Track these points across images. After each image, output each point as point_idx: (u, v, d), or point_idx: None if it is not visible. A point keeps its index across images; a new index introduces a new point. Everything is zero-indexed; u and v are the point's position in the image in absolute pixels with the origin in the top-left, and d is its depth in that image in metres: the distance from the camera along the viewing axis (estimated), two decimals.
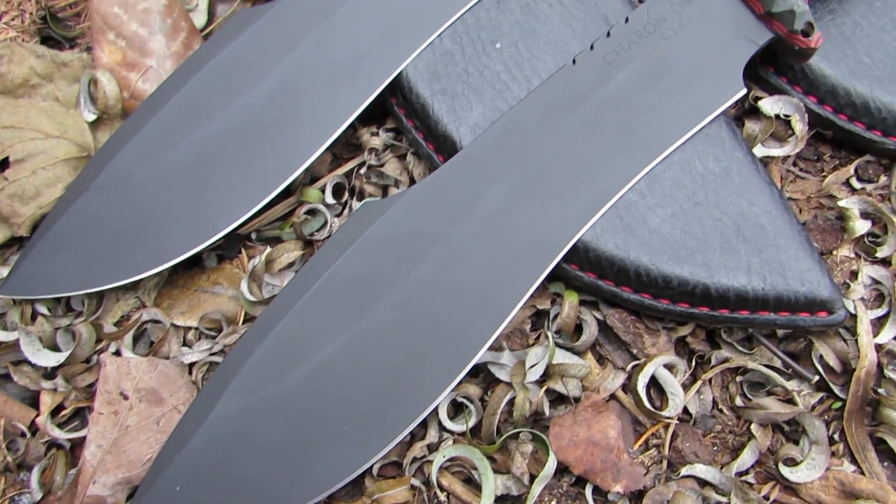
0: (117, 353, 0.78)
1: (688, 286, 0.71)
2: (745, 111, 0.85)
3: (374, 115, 0.86)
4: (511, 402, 0.72)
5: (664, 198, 0.74)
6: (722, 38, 0.77)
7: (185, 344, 0.79)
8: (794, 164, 0.84)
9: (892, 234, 0.77)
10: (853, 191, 0.81)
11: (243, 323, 0.79)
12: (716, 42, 0.77)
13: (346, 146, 0.88)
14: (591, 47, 0.77)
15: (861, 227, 0.78)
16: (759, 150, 0.81)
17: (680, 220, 0.73)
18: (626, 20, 0.78)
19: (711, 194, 0.74)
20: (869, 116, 0.79)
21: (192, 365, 0.77)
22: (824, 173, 0.83)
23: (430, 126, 0.80)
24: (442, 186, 0.75)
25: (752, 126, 0.81)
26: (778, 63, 0.81)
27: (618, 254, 0.73)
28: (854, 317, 0.75)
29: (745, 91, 0.76)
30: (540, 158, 0.75)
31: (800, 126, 0.79)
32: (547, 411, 0.72)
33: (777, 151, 0.80)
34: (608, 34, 0.78)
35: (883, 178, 0.81)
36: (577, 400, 0.73)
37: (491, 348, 0.74)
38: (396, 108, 0.82)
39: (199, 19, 0.93)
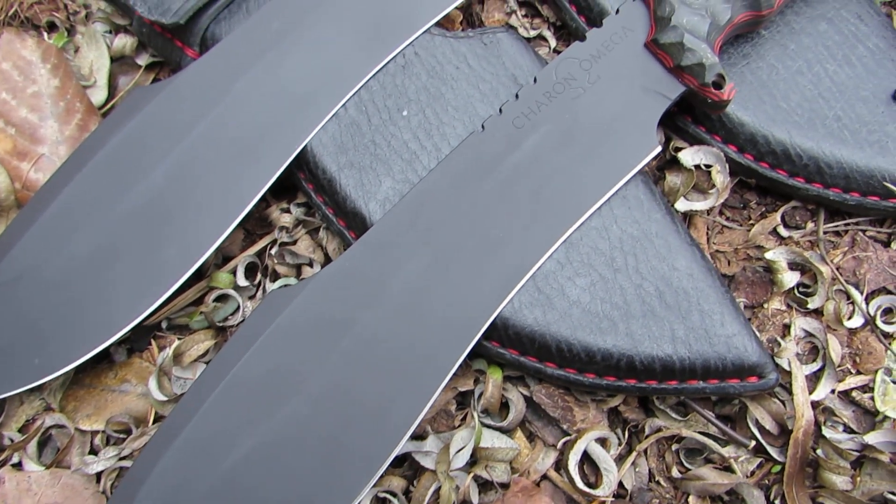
0: (19, 465, 0.73)
1: (612, 359, 0.68)
2: (667, 161, 0.82)
3: (288, 187, 0.82)
4: (438, 493, 0.68)
5: (583, 266, 0.71)
6: (633, 95, 0.74)
7: (92, 450, 0.74)
8: (721, 214, 0.81)
9: (821, 285, 0.75)
10: (781, 239, 0.79)
11: (153, 423, 0.75)
12: (627, 98, 0.74)
13: (260, 221, 0.84)
14: (500, 111, 0.74)
15: (790, 279, 0.75)
16: (681, 205, 0.78)
17: (600, 289, 0.70)
18: (535, 80, 0.75)
19: (631, 259, 0.71)
20: (790, 163, 0.76)
21: (99, 474, 0.73)
22: (752, 221, 0.81)
23: (338, 202, 0.76)
24: (351, 269, 0.72)
25: (673, 179, 0.79)
26: (695, 112, 0.79)
27: (538, 329, 0.69)
28: (789, 373, 0.72)
29: (659, 148, 0.73)
30: (452, 232, 0.71)
31: (720, 178, 0.77)
32: (475, 500, 0.69)
33: (699, 205, 0.77)
34: (516, 96, 0.75)
35: (810, 224, 0.79)
36: (506, 486, 0.69)
37: (414, 434, 0.70)
38: (305, 182, 0.78)
39: (99, 95, 0.88)
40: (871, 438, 0.70)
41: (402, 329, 0.69)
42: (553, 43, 0.88)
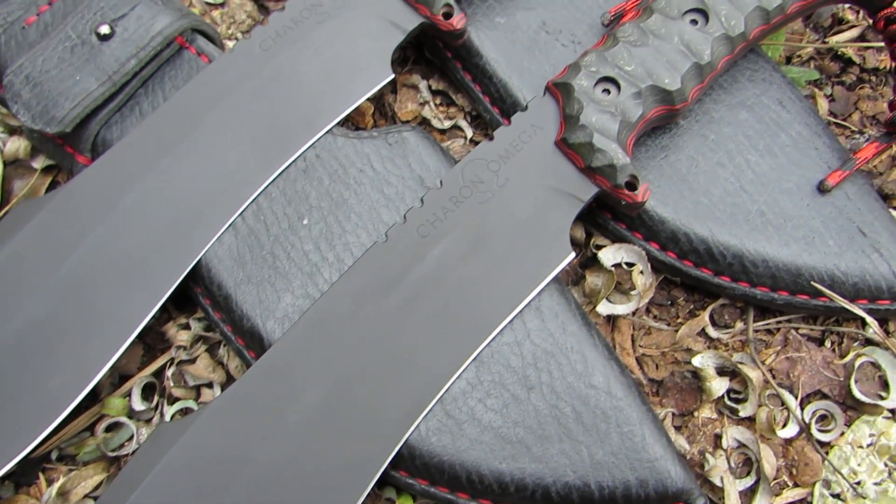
0: None
1: (526, 490, 0.63)
2: (589, 258, 0.78)
3: (190, 297, 0.77)
4: None
5: (494, 386, 0.66)
6: (544, 197, 0.70)
7: None
8: (648, 312, 0.77)
9: (752, 391, 0.71)
10: (710, 340, 0.75)
11: None
12: (538, 202, 0.70)
13: (161, 335, 0.78)
14: (405, 218, 0.70)
15: (719, 386, 0.71)
16: (603, 308, 0.74)
17: (513, 410, 0.65)
18: (441, 184, 0.71)
19: (546, 377, 0.66)
20: (714, 262, 0.72)
21: None
22: (679, 320, 0.76)
23: (235, 320, 0.71)
24: (245, 397, 0.66)
25: (594, 280, 0.74)
26: (615, 209, 0.75)
27: (447, 458, 0.64)
28: (722, 489, 0.67)
29: (573, 255, 0.69)
30: (354, 354, 0.66)
31: (641, 280, 0.73)
32: None
33: (622, 309, 0.73)
34: (422, 202, 0.70)
35: (739, 324, 0.75)
36: None
37: None
38: (202, 298, 0.73)
39: None
40: None
41: (300, 463, 0.64)
42: (469, 133, 0.84)
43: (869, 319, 0.70)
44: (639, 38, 0.71)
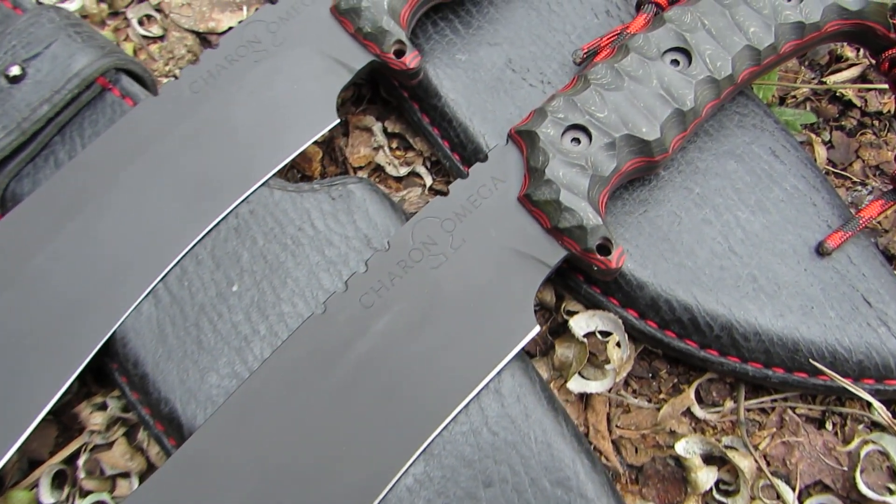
0: None
1: None
2: (560, 325, 0.69)
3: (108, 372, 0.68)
4: None
5: (446, 484, 0.57)
6: (506, 262, 0.61)
7: None
8: (626, 386, 0.68)
9: (744, 484, 0.62)
10: (696, 421, 0.66)
11: None
12: (499, 267, 0.61)
13: (77, 415, 0.69)
14: (346, 286, 0.61)
15: (706, 478, 0.62)
16: (575, 384, 0.65)
17: None
18: (388, 246, 0.62)
19: (506, 472, 0.57)
20: (699, 334, 0.64)
21: None
22: (662, 395, 0.67)
23: (153, 403, 0.62)
24: (162, 495, 0.57)
25: (564, 352, 0.66)
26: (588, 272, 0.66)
27: None
28: None
29: (538, 329, 0.60)
30: (285, 444, 0.57)
31: (617, 353, 0.64)
32: None
33: (596, 386, 0.64)
34: (366, 266, 0.61)
35: (729, 403, 0.66)
36: None
37: None
38: (118, 375, 0.64)
39: None
40: None
41: None
42: (428, 181, 0.76)
43: (875, 403, 0.62)
44: (613, 81, 0.63)
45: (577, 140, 0.62)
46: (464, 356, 0.59)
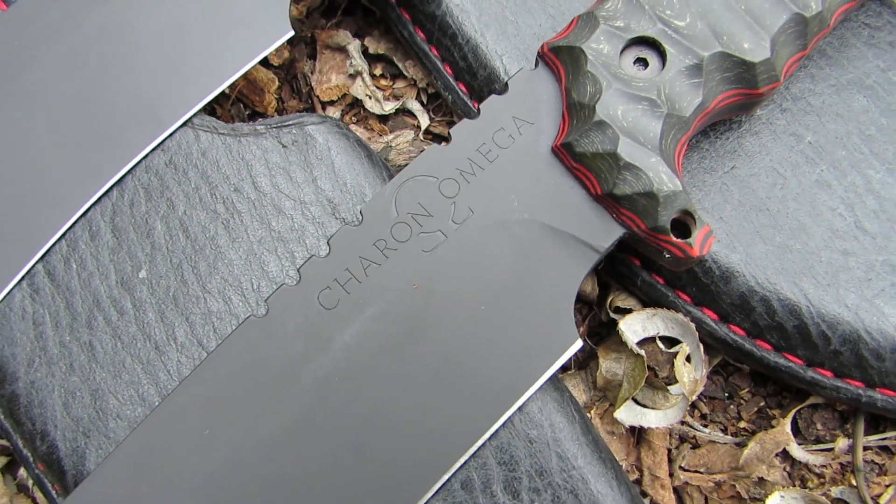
0: None
1: None
2: (603, 325, 0.50)
3: None
4: None
5: None
6: (532, 245, 0.42)
7: None
8: (692, 409, 0.49)
9: None
10: (793, 464, 0.47)
11: None
12: (522, 253, 0.42)
13: None
14: (299, 276, 0.41)
15: None
16: (626, 414, 0.46)
17: None
18: (361, 217, 0.42)
19: None
20: (810, 347, 0.44)
21: None
22: (743, 424, 0.49)
23: (25, 435, 0.44)
24: None
25: (610, 366, 0.47)
26: (650, 257, 0.46)
27: None
28: None
29: (579, 343, 0.41)
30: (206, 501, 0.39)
31: (688, 372, 0.45)
32: None
33: (655, 419, 0.45)
34: (328, 248, 0.42)
35: (842, 440, 0.47)
36: None
37: None
38: None
39: None
40: None
41: None
42: (424, 121, 0.55)
43: None
44: None
45: (642, 62, 0.41)
46: (468, 385, 0.40)
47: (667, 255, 0.41)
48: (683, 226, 0.40)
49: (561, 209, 0.42)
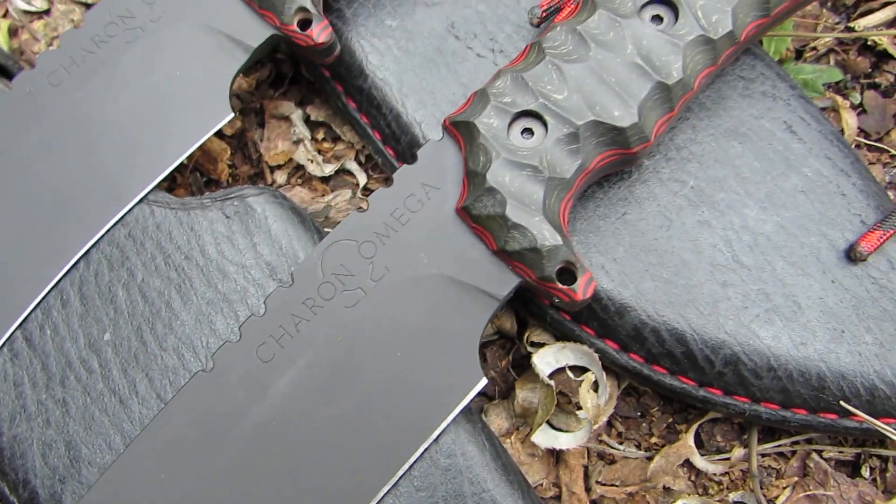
0: None
1: None
2: (523, 357, 0.55)
3: None
4: None
5: None
6: (441, 295, 0.48)
7: None
8: (609, 427, 0.55)
9: None
10: (696, 474, 0.53)
11: None
12: (432, 303, 0.48)
13: None
14: (240, 333, 0.48)
15: None
16: (541, 437, 0.52)
17: None
18: (292, 279, 0.48)
19: None
20: (698, 370, 0.50)
21: None
22: (654, 439, 0.54)
23: (10, 484, 0.50)
24: None
25: (527, 396, 0.52)
26: None
27: None
28: None
29: (484, 381, 0.46)
30: None
31: (592, 400, 0.50)
32: None
33: (566, 441, 0.51)
34: (264, 307, 0.48)
35: (738, 449, 0.53)
36: None
37: None
38: None
39: None
40: None
41: None
42: (361, 179, 0.62)
43: None
44: (574, 50, 0.48)
45: (529, 131, 0.47)
46: (388, 422, 0.46)
47: (556, 300, 0.47)
48: (570, 273, 0.46)
49: (465, 263, 0.48)
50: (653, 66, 0.47)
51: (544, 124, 0.47)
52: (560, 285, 0.46)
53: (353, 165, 0.62)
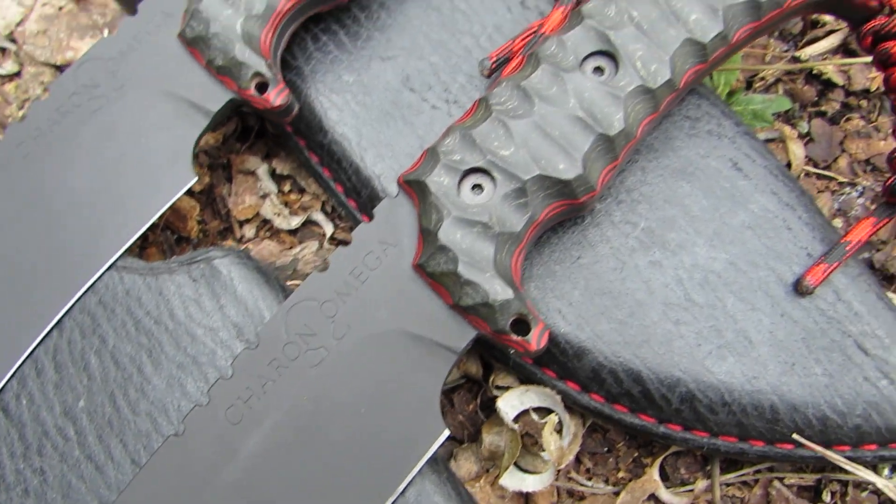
0: None
1: None
2: (489, 400, 0.57)
3: None
4: None
5: None
6: (402, 351, 0.49)
7: None
8: (578, 464, 0.56)
9: None
10: None
11: None
12: (394, 359, 0.49)
13: None
14: (209, 397, 0.49)
15: None
16: (509, 480, 0.53)
17: None
18: (257, 341, 0.50)
19: None
20: (655, 408, 0.52)
21: None
22: (621, 474, 0.56)
23: None
24: None
25: (493, 440, 0.54)
26: None
27: None
28: None
29: (446, 433, 0.48)
30: None
31: (555, 441, 0.52)
32: None
33: (532, 483, 0.53)
34: (231, 371, 0.50)
35: (702, 481, 0.54)
36: None
37: None
38: None
39: None
40: None
41: None
42: (328, 229, 0.63)
43: (880, 483, 0.49)
44: (519, 105, 0.49)
45: (479, 187, 0.49)
46: (355, 478, 0.48)
47: (511, 351, 0.48)
48: (524, 324, 0.48)
49: (423, 318, 0.49)
50: (595, 118, 0.49)
51: (493, 180, 0.49)
52: (514, 337, 0.47)
53: (319, 216, 0.64)
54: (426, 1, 0.62)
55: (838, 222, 0.59)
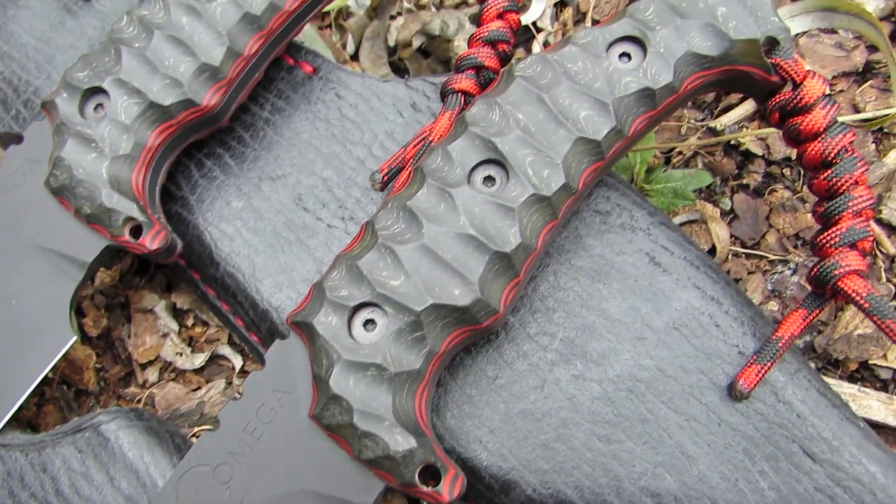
0: None
1: None
2: None
3: None
4: None
5: None
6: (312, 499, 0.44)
7: None
8: None
9: None
10: None
11: None
12: None
13: None
14: None
15: None
16: None
17: None
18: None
19: None
20: None
21: None
22: None
23: None
24: None
25: None
26: None
27: None
28: None
29: None
30: None
31: None
32: None
33: None
34: None
35: None
36: None
37: None
38: None
39: None
40: None
41: None
42: (237, 363, 0.59)
43: None
44: (406, 228, 0.45)
45: (371, 322, 0.45)
46: None
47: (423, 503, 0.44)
48: (433, 473, 0.43)
49: (325, 474, 0.45)
50: (487, 235, 0.45)
51: (385, 314, 0.44)
52: (424, 489, 0.43)
53: (226, 349, 0.59)
54: (313, 112, 0.58)
55: (774, 304, 0.55)
